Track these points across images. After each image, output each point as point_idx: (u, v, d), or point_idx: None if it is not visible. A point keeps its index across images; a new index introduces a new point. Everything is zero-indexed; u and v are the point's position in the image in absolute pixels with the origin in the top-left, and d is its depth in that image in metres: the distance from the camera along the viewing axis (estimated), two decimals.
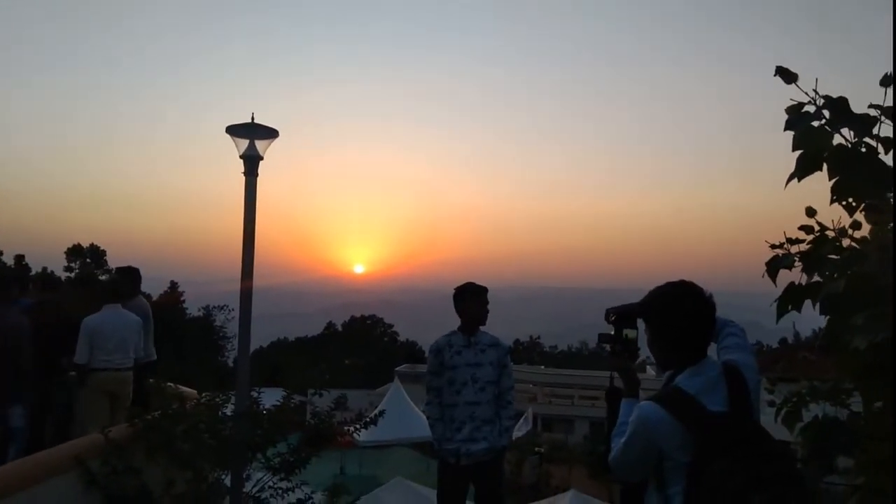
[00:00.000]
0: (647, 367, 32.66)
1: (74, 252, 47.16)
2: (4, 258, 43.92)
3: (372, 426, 4.88)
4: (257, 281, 4.59)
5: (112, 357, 5.36)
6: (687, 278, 2.05)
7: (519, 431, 21.17)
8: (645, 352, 2.30)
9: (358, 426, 4.58)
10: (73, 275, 44.09)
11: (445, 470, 4.07)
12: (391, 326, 63.65)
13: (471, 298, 4.13)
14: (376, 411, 5.41)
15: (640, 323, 2.21)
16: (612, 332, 2.30)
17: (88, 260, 48.15)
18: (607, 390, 2.35)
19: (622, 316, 2.29)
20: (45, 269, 33.62)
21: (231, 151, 4.72)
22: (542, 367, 54.13)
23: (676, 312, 1.97)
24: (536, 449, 23.83)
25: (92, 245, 49.22)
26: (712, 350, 2.07)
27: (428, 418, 4.19)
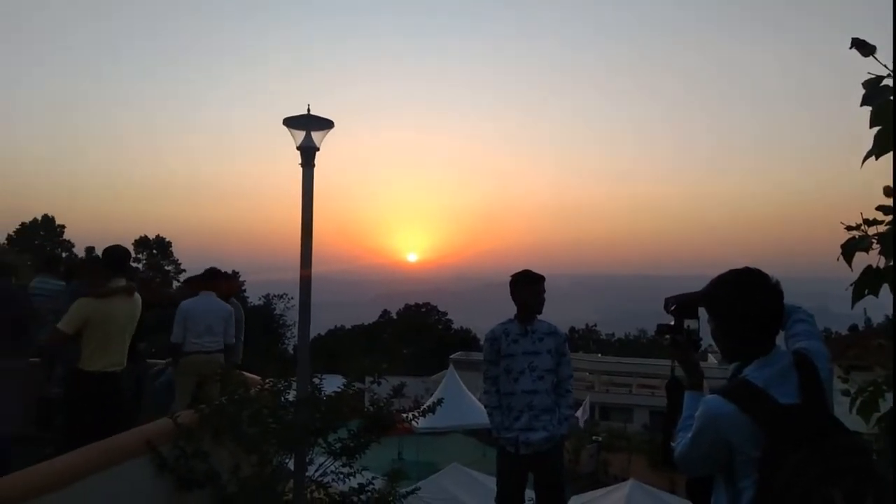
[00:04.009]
0: (709, 355, 31.80)
1: (141, 243, 49.22)
2: (76, 250, 46.29)
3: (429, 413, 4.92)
4: (314, 269, 4.68)
5: (201, 340, 5.79)
6: (749, 264, 1.98)
7: (578, 420, 21.02)
8: (707, 341, 2.24)
9: (416, 413, 4.63)
10: (140, 265, 46.05)
11: (504, 459, 4.07)
12: (445, 314, 63.96)
13: (527, 287, 4.10)
14: (433, 399, 5.46)
15: (702, 312, 2.15)
16: (673, 323, 2.25)
17: (155, 251, 50.17)
18: (668, 381, 2.29)
19: (683, 306, 2.23)
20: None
21: (288, 143, 4.81)
22: (599, 354, 53.44)
23: (742, 301, 1.89)
24: (594, 437, 23.60)
25: (158, 237, 51.30)
26: (780, 338, 2.00)
27: (486, 407, 4.20)
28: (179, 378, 5.77)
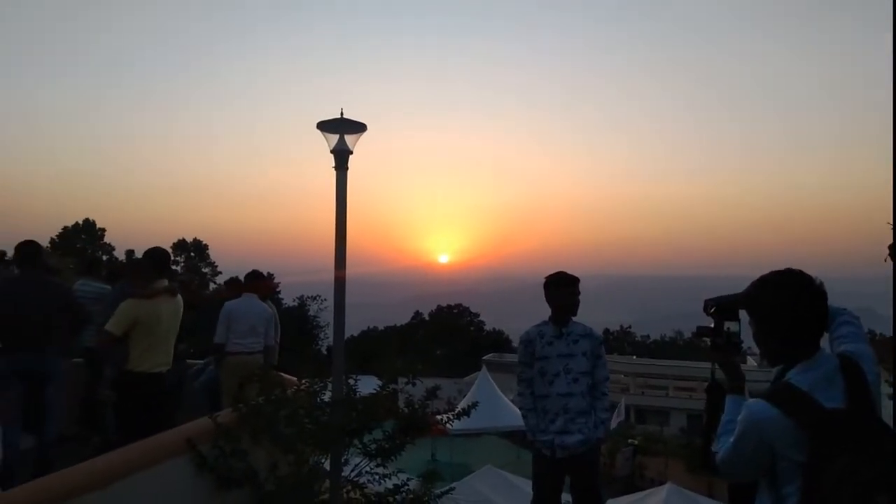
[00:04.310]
0: (749, 357, 31.15)
1: (179, 247, 50.33)
2: (116, 253, 47.52)
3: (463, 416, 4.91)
4: (347, 271, 4.71)
5: (244, 340, 5.91)
6: (790, 265, 1.93)
7: (612, 423, 20.81)
8: (748, 344, 2.19)
9: (451, 416, 4.63)
10: (179, 267, 47.07)
11: (540, 462, 4.05)
12: (477, 315, 63.90)
13: (562, 288, 4.07)
14: (466, 401, 5.47)
15: (743, 314, 2.11)
16: (712, 325, 2.21)
17: (192, 253, 51.24)
18: (708, 385, 2.25)
19: (723, 308, 2.19)
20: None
21: (322, 146, 4.85)
22: (634, 356, 52.78)
23: (785, 304, 1.85)
24: (630, 441, 23.30)
25: (195, 239, 52.38)
26: (824, 341, 1.95)
27: (520, 409, 4.18)
28: (225, 378, 5.89)
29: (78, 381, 6.26)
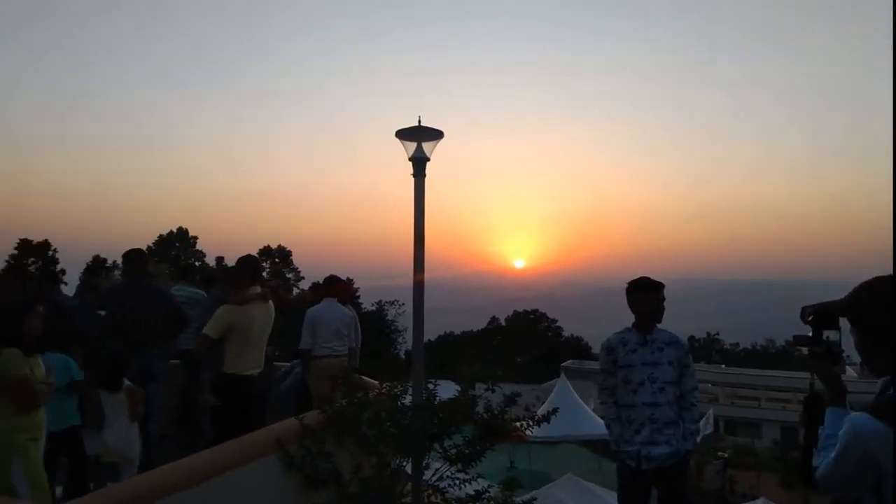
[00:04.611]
0: (848, 368, 29.23)
1: (265, 253, 52.40)
2: (207, 260, 50.02)
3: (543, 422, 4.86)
4: (424, 275, 4.76)
5: (331, 344, 6.14)
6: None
7: (700, 434, 20.05)
8: (849, 353, 2.08)
9: (531, 422, 4.59)
10: (265, 274, 48.97)
11: (626, 473, 3.94)
12: (555, 321, 63.10)
13: (646, 294, 3.97)
14: (545, 407, 5.40)
15: (844, 322, 2.00)
16: (811, 334, 2.10)
17: (277, 259, 53.25)
18: (807, 396, 2.15)
19: (822, 315, 2.08)
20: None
21: (399, 153, 4.94)
22: (723, 365, 50.60)
23: (890, 311, 1.74)
24: (720, 453, 22.36)
25: (279, 246, 54.44)
26: None
27: (603, 418, 4.10)
28: (313, 381, 6.07)
29: (175, 382, 6.61)
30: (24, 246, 45.57)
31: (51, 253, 46.34)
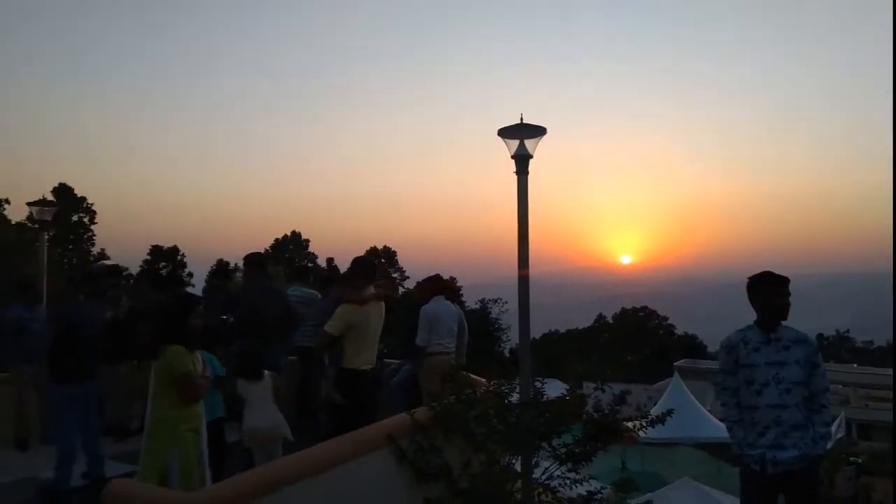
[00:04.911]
0: None
1: (371, 254, 54.06)
2: (318, 261, 52.30)
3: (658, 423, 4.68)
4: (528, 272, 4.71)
5: (444, 341, 6.34)
6: None
7: (832, 438, 18.64)
8: None
9: (644, 423, 4.43)
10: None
11: (750, 478, 3.72)
12: (666, 319, 60.65)
13: (770, 289, 3.71)
14: (657, 408, 5.21)
15: None
16: None
17: (383, 260, 54.80)
18: None
19: None
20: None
21: (501, 151, 4.92)
22: (855, 364, 46.64)
23: None
24: (853, 459, 20.66)
25: (385, 247, 55.98)
26: None
27: (724, 420, 3.88)
28: (426, 377, 6.21)
29: (294, 376, 6.97)
30: (156, 251, 49.58)
31: (179, 257, 50.16)
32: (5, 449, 6.43)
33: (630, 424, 4.53)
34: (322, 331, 5.06)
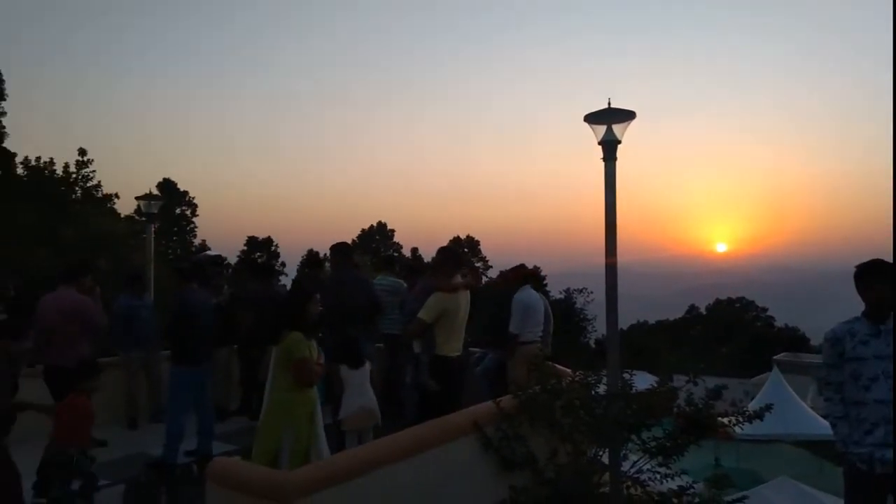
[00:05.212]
0: None
1: (454, 243, 54.44)
2: (403, 251, 53.23)
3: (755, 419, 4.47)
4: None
5: (535, 330, 6.40)
6: None
7: None
8: None
9: (740, 419, 4.25)
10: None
11: (855, 478, 3.49)
12: (765, 310, 57.64)
13: (879, 278, 3.46)
14: (755, 403, 4.97)
15: None
16: None
17: (466, 249, 55.08)
18: None
19: None
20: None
21: (588, 137, 4.81)
22: None
23: None
24: None
25: (468, 236, 56.26)
26: None
27: (827, 417, 3.66)
28: (517, 366, 6.23)
29: (380, 363, 7.15)
30: (252, 242, 52.05)
31: (273, 248, 52.45)
32: (117, 427, 6.94)
33: (725, 420, 4.36)
34: (416, 318, 5.17)
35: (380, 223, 58.37)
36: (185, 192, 47.54)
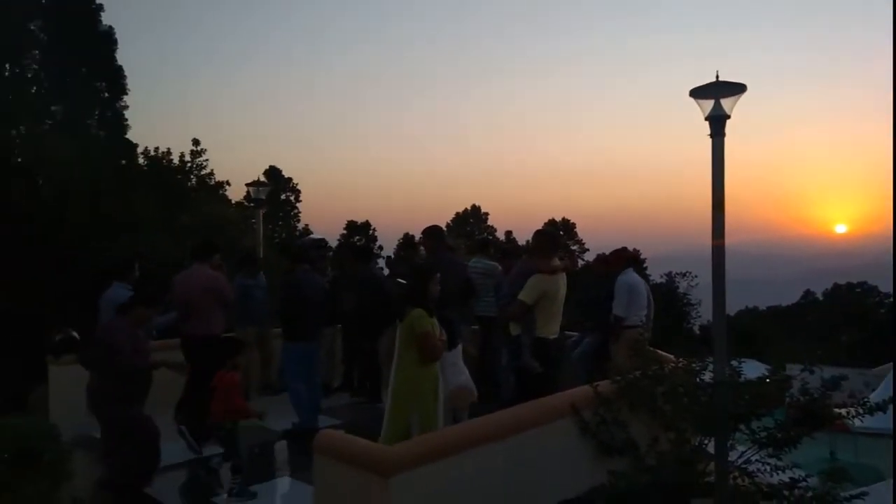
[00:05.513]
0: None
1: (550, 226, 53.70)
2: (497, 234, 53.15)
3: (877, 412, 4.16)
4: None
5: (640, 314, 6.32)
6: None
7: None
8: None
9: (859, 410, 3.96)
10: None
11: None
12: (888, 296, 53.08)
13: None
14: (877, 394, 4.61)
15: None
16: None
17: (562, 232, 54.23)
18: None
19: None
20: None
21: (695, 112, 4.60)
22: None
23: None
24: None
25: (563, 219, 55.34)
26: None
27: None
28: (622, 350, 6.12)
29: (475, 344, 7.21)
30: (351, 226, 53.75)
31: (371, 231, 53.95)
32: None
33: (842, 411, 4.08)
34: (517, 300, 5.18)
35: (474, 206, 58.53)
36: (290, 179, 49.68)
